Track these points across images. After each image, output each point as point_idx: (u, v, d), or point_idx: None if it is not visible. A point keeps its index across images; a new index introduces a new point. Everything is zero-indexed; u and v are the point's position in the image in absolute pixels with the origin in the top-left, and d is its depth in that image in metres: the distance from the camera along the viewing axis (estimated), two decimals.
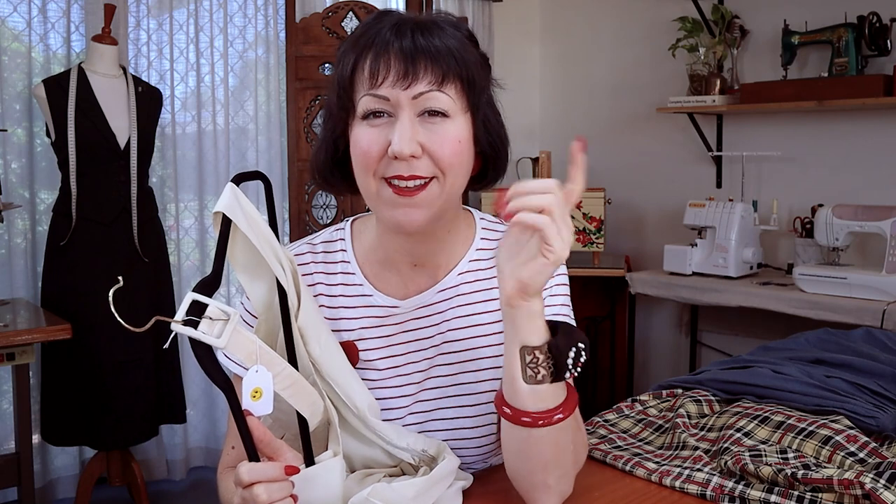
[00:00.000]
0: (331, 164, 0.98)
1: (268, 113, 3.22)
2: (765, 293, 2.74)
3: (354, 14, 3.11)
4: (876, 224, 2.60)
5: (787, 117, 3.13)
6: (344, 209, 3.16)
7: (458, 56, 0.90)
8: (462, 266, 1.02)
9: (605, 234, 3.22)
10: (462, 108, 0.91)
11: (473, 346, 1.00)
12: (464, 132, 0.91)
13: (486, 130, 0.95)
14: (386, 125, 0.89)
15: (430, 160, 0.89)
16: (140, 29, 2.90)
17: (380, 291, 1.00)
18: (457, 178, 0.92)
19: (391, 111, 0.89)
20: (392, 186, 0.89)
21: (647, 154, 3.58)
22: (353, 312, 1.00)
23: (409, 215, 0.90)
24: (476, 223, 1.05)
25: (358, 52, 0.91)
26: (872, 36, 2.77)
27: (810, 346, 1.51)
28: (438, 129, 0.89)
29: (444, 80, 0.89)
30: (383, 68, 0.88)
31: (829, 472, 0.94)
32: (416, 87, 0.88)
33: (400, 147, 0.86)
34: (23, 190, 2.72)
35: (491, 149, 0.97)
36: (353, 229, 1.05)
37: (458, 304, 1.00)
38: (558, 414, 0.83)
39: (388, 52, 0.88)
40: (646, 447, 1.16)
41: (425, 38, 0.89)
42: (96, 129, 2.49)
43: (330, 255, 1.03)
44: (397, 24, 0.91)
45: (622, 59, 3.66)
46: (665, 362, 3.61)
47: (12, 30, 2.67)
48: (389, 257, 1.00)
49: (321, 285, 1.01)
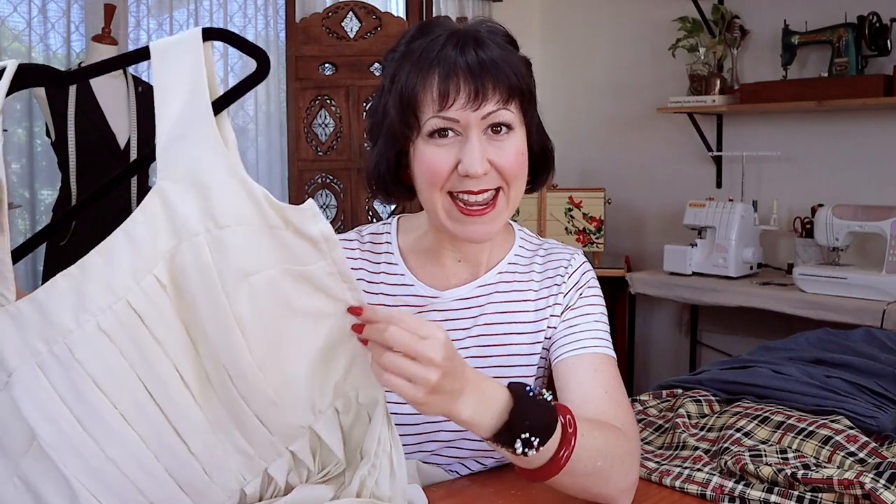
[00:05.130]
0: (394, 177, 1.02)
1: (268, 113, 3.22)
2: (765, 293, 2.74)
3: (354, 14, 3.11)
4: (876, 224, 2.60)
5: (787, 117, 3.13)
6: (344, 209, 3.16)
7: (516, 70, 0.95)
8: (502, 266, 1.08)
9: (605, 234, 3.22)
10: (521, 120, 0.98)
11: (507, 341, 1.05)
12: (523, 143, 0.98)
13: (537, 134, 1.02)
14: (453, 144, 0.94)
15: (496, 174, 0.95)
16: (140, 29, 2.90)
17: (421, 282, 1.06)
18: (520, 188, 0.99)
19: (460, 130, 0.94)
20: (458, 204, 0.95)
21: (647, 154, 3.58)
22: (392, 300, 1.05)
23: (478, 232, 0.96)
24: (515, 231, 1.13)
25: (422, 70, 0.93)
26: (872, 36, 2.77)
27: (810, 346, 1.51)
28: (504, 145, 0.95)
29: (510, 97, 0.94)
30: (453, 90, 0.92)
31: (829, 472, 0.94)
32: (485, 107, 0.93)
33: (473, 168, 0.92)
34: (23, 190, 2.72)
35: (542, 151, 1.04)
36: (399, 225, 1.11)
37: (496, 300, 1.06)
38: (559, 462, 0.82)
39: (457, 73, 0.92)
40: (646, 447, 1.16)
41: (486, 52, 0.93)
42: (96, 129, 2.49)
43: (376, 245, 1.09)
44: (456, 39, 0.94)
45: (622, 60, 3.66)
46: (665, 362, 3.61)
47: (12, 30, 2.67)
48: (436, 251, 1.06)
49: (364, 271, 1.07)
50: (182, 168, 0.68)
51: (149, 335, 0.68)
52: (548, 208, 3.19)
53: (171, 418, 0.69)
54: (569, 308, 1.05)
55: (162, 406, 0.69)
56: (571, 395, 0.98)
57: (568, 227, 3.19)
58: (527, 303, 1.06)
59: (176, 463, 0.70)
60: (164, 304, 0.68)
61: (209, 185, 0.68)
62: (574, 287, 1.06)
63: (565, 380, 1.00)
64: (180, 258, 0.68)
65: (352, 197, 3.15)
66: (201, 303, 0.69)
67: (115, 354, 0.67)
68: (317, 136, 3.14)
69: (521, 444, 0.78)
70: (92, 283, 0.67)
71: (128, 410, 0.68)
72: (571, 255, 1.09)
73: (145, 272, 0.68)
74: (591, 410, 0.95)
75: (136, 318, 0.68)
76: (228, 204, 0.69)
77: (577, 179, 3.72)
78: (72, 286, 0.67)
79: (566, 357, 1.01)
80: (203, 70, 0.69)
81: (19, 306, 0.67)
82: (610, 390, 0.97)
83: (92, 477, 0.67)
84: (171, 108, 0.69)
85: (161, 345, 0.69)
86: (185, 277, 0.68)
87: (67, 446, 0.67)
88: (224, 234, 0.68)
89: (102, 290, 0.67)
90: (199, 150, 0.68)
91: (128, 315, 0.67)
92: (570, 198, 3.20)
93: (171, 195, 0.68)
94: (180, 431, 0.70)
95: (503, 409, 0.79)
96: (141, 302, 0.68)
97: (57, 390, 0.66)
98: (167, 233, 0.68)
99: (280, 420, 0.74)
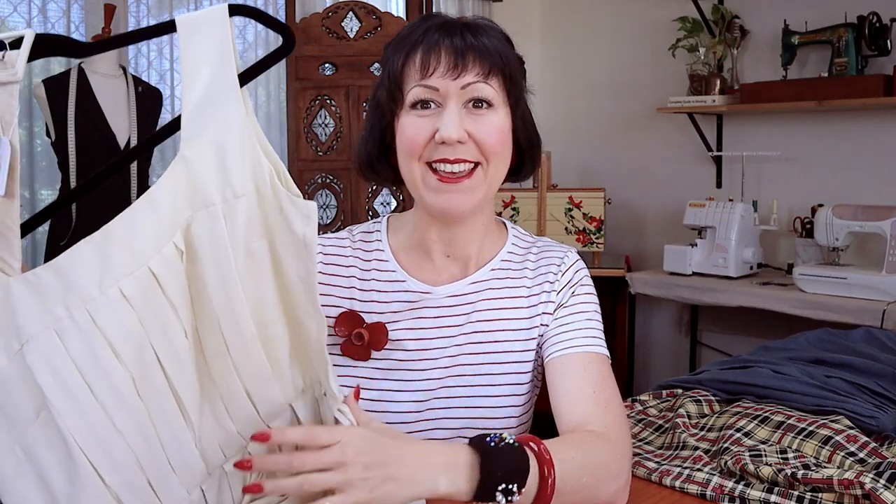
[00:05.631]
0: (378, 153, 1.05)
1: (268, 113, 3.22)
2: (765, 293, 2.74)
3: (354, 14, 3.11)
4: (876, 224, 2.60)
5: (786, 117, 3.13)
6: (344, 210, 3.16)
7: (502, 54, 0.98)
8: (495, 263, 1.08)
9: (605, 234, 3.22)
10: (504, 101, 0.99)
11: (501, 338, 1.05)
12: (506, 123, 1.00)
13: (523, 124, 1.04)
14: (433, 115, 0.96)
15: (475, 146, 0.96)
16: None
17: (413, 278, 1.06)
18: (499, 165, 1.00)
19: (440, 101, 0.96)
20: (437, 173, 0.96)
21: (647, 154, 3.58)
22: (384, 296, 1.06)
23: (453, 201, 0.97)
24: (508, 229, 1.13)
25: (408, 48, 0.98)
26: (872, 36, 2.77)
27: (810, 346, 1.51)
28: (484, 119, 0.97)
29: (490, 73, 0.97)
30: (434, 60, 0.96)
31: (829, 472, 0.94)
32: (464, 77, 0.95)
33: (449, 132, 0.94)
34: (23, 190, 2.72)
35: (528, 142, 1.05)
36: (389, 223, 1.12)
37: (489, 297, 1.06)
38: (546, 494, 0.80)
39: (440, 48, 0.96)
40: (646, 447, 1.16)
41: (473, 36, 0.97)
42: (96, 129, 2.49)
43: (366, 243, 1.10)
44: (444, 25, 0.99)
45: (622, 60, 3.66)
46: (665, 362, 3.61)
47: (12, 30, 2.67)
48: (425, 246, 1.06)
49: (355, 269, 1.08)
50: (207, 134, 0.70)
51: (167, 303, 0.69)
52: (548, 208, 3.19)
53: (176, 385, 0.70)
54: (561, 306, 1.05)
55: (170, 375, 0.69)
56: (560, 396, 0.98)
57: (568, 227, 3.19)
58: (520, 299, 1.06)
59: (171, 435, 0.70)
60: (180, 272, 0.69)
61: (229, 151, 0.70)
62: (567, 285, 1.06)
63: (555, 380, 1.00)
64: (196, 226, 0.69)
65: (352, 197, 3.15)
66: (210, 271, 0.69)
67: (134, 321, 0.67)
68: (317, 136, 3.14)
69: (503, 495, 0.77)
70: (115, 250, 0.67)
71: (138, 378, 0.68)
72: (565, 252, 1.09)
73: (166, 239, 0.69)
74: (578, 412, 0.95)
75: (156, 286, 0.68)
76: (245, 172, 0.70)
77: (577, 179, 3.72)
78: (95, 253, 0.67)
79: (556, 356, 1.01)
80: (230, 43, 0.71)
81: (38, 273, 0.67)
82: (598, 389, 0.97)
83: (97, 448, 0.67)
84: (199, 78, 0.70)
85: (177, 311, 0.69)
86: (199, 245, 0.69)
87: (79, 415, 0.66)
88: (238, 203, 0.70)
89: (125, 257, 0.67)
90: (225, 117, 0.70)
91: (149, 282, 0.68)
92: (570, 198, 3.20)
93: (195, 163, 0.69)
94: (182, 398, 0.70)
95: (473, 469, 0.77)
96: (162, 269, 0.68)
97: (73, 357, 0.66)
98: (187, 201, 0.70)
99: (267, 396, 0.74)
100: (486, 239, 1.08)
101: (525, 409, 1.06)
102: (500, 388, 1.03)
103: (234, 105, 0.70)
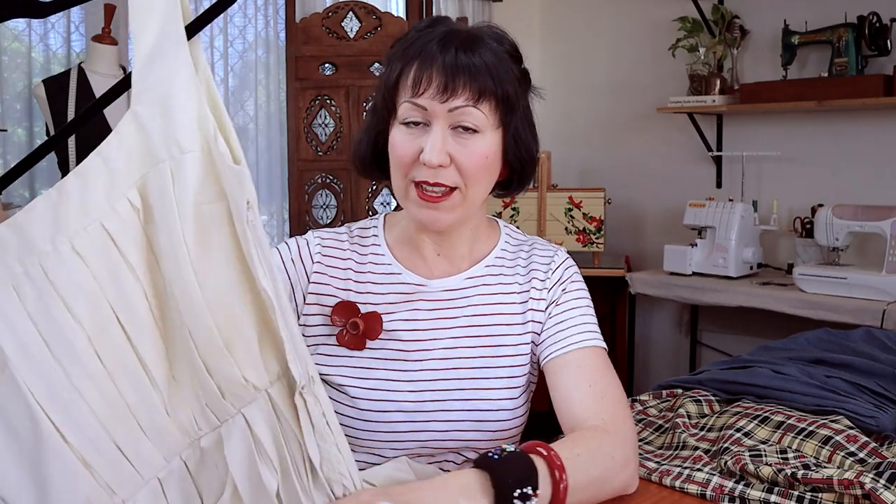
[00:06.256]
0: (371, 156, 1.08)
1: (268, 113, 3.22)
2: (765, 293, 2.74)
3: (354, 14, 3.11)
4: (876, 224, 2.60)
5: (786, 117, 3.13)
6: (344, 210, 3.15)
7: (495, 74, 0.98)
8: (489, 260, 1.11)
9: (605, 234, 3.22)
10: (494, 124, 1.00)
11: (495, 332, 1.07)
12: (492, 147, 1.01)
13: (515, 144, 1.04)
14: (420, 133, 0.99)
15: (456, 170, 0.99)
16: None
17: (409, 271, 1.09)
18: (479, 189, 1.02)
19: (427, 121, 0.98)
20: (419, 190, 1.00)
21: (647, 154, 3.58)
22: (380, 288, 1.08)
23: (431, 216, 1.01)
24: (500, 228, 1.16)
25: (405, 60, 1.00)
26: (872, 36, 2.77)
27: (810, 346, 1.51)
28: (468, 143, 0.98)
29: (481, 97, 0.98)
30: (425, 80, 0.97)
31: (829, 472, 0.94)
32: (453, 101, 0.97)
33: (430, 157, 0.96)
34: (23, 190, 2.72)
35: (518, 162, 1.06)
36: (385, 220, 1.15)
37: (484, 292, 1.09)
38: (560, 489, 0.82)
39: (432, 66, 0.97)
40: (646, 447, 1.16)
41: (467, 54, 0.97)
42: (96, 129, 2.49)
43: (363, 238, 1.13)
44: (444, 38, 0.99)
45: (622, 60, 3.66)
46: (665, 362, 3.61)
47: (12, 30, 2.67)
48: (416, 243, 1.10)
49: (352, 261, 1.10)
50: (154, 90, 0.68)
51: (121, 259, 0.68)
52: (548, 208, 3.19)
53: (137, 345, 0.69)
54: (553, 303, 1.08)
55: (129, 332, 0.68)
56: (559, 397, 1.01)
57: (568, 227, 3.19)
58: (513, 295, 1.09)
59: (138, 398, 0.69)
60: (137, 230, 0.68)
61: (176, 108, 0.68)
62: (557, 282, 1.09)
63: (553, 381, 1.03)
64: (151, 184, 0.68)
65: (352, 197, 3.14)
66: (161, 230, 0.68)
67: (87, 277, 0.67)
68: (317, 136, 3.14)
69: (520, 500, 0.79)
70: (69, 205, 0.67)
71: (95, 336, 0.67)
72: (554, 251, 1.12)
73: (119, 195, 0.68)
74: (577, 410, 0.98)
75: (109, 241, 0.67)
76: (191, 129, 0.68)
77: (577, 179, 3.73)
78: (49, 208, 0.67)
79: (553, 357, 1.04)
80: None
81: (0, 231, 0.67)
82: (593, 382, 1.00)
83: (56, 405, 0.67)
84: (148, 33, 0.69)
85: (134, 270, 0.68)
86: (154, 203, 0.68)
87: (35, 370, 0.66)
88: (185, 159, 0.68)
89: (77, 212, 0.67)
90: (171, 72, 0.68)
91: (101, 237, 0.67)
92: (570, 198, 3.20)
93: (144, 119, 0.68)
94: (144, 359, 0.69)
95: (486, 485, 0.80)
96: (115, 225, 0.67)
97: (28, 312, 0.66)
98: (140, 156, 0.68)
99: (222, 371, 0.71)
100: (477, 238, 1.12)
101: (520, 403, 1.06)
102: (496, 381, 1.05)
103: (181, 58, 0.68)
